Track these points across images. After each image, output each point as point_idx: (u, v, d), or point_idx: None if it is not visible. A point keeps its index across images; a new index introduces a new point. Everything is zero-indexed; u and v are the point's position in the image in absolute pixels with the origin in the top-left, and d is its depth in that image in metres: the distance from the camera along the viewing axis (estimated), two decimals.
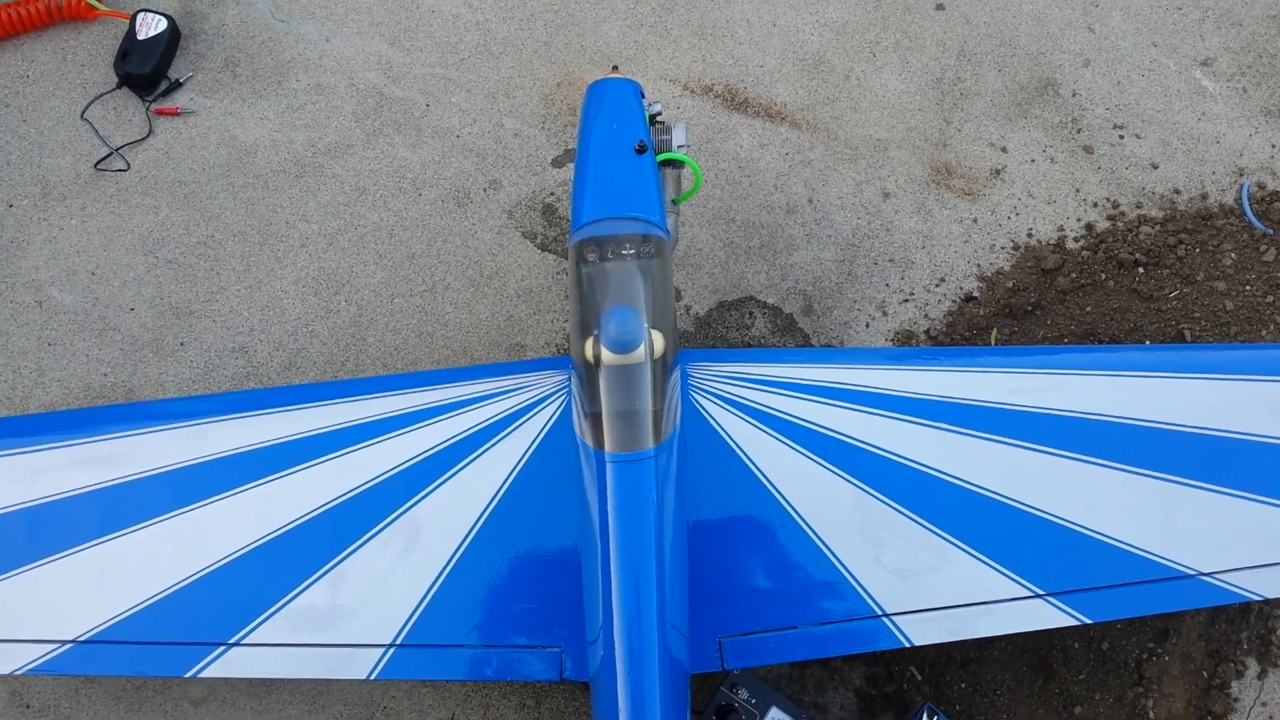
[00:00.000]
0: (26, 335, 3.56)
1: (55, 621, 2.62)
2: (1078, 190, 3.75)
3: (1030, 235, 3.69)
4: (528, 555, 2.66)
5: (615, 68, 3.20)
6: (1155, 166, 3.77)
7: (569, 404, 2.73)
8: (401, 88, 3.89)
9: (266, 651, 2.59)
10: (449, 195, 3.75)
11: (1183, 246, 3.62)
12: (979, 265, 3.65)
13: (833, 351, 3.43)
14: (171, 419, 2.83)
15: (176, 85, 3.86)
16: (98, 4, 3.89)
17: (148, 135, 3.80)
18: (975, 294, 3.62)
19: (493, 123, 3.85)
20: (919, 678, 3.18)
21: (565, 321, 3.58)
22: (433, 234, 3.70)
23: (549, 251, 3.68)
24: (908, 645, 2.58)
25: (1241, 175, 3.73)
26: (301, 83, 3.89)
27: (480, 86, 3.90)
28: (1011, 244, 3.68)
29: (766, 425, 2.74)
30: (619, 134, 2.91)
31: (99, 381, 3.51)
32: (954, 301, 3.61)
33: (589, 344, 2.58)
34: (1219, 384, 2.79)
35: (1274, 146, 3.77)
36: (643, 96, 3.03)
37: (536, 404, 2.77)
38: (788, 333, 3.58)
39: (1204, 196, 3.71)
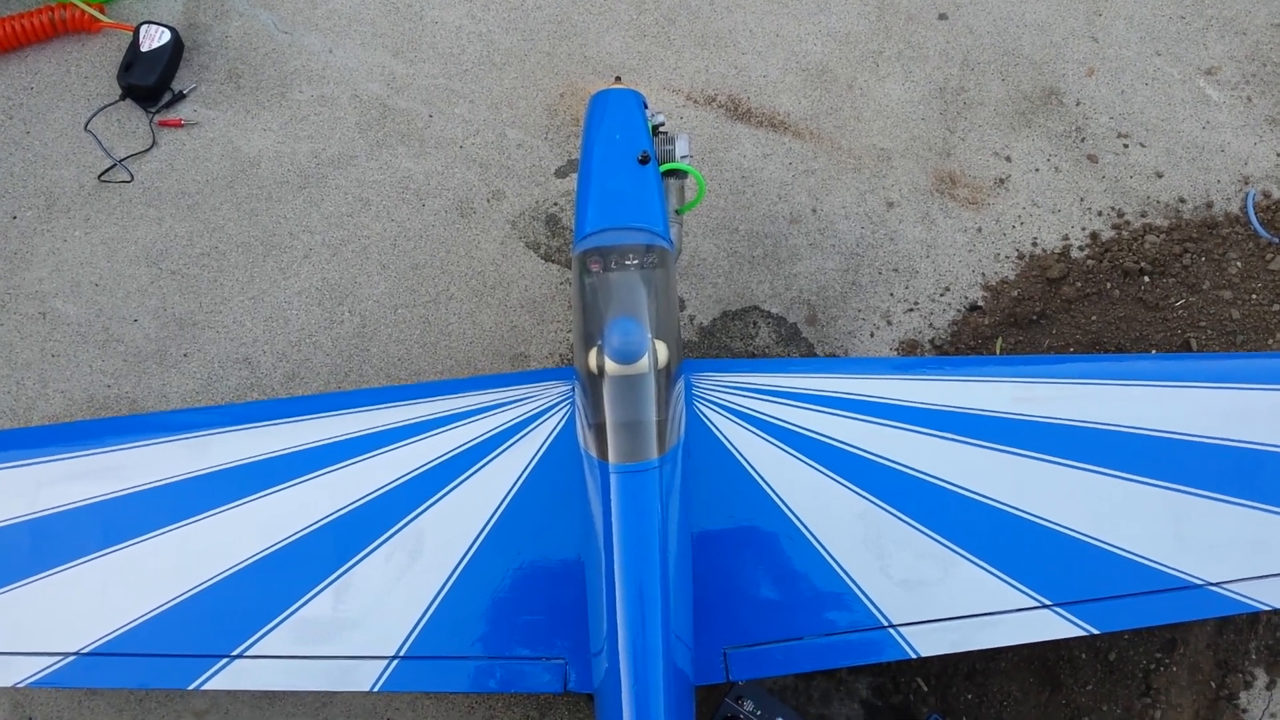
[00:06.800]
0: (30, 347, 3.56)
1: (59, 633, 2.61)
2: (1082, 199, 3.74)
3: (1035, 244, 3.68)
4: (532, 566, 2.65)
5: (618, 78, 3.20)
6: (1160, 175, 3.76)
7: (573, 415, 2.73)
8: (404, 99, 3.90)
9: (270, 663, 2.58)
10: (452, 206, 3.75)
11: (1188, 255, 3.61)
12: (984, 274, 3.65)
13: (837, 361, 3.43)
14: (174, 431, 2.83)
15: (180, 97, 3.87)
16: (101, 16, 3.90)
17: (151, 147, 3.81)
18: (980, 303, 3.61)
19: (496, 133, 3.85)
20: (925, 689, 3.16)
21: (569, 332, 3.58)
22: (436, 245, 3.70)
23: (552, 262, 3.68)
24: (914, 656, 2.56)
25: (1246, 184, 3.73)
26: (305, 94, 3.90)
27: (483, 97, 3.90)
28: (1016, 253, 3.67)
29: (771, 435, 2.73)
30: (622, 144, 2.91)
31: (102, 393, 3.50)
32: (959, 311, 3.61)
33: (593, 354, 2.57)
34: (1225, 393, 2.78)
35: (1279, 155, 3.77)
36: (646, 107, 3.03)
37: (540, 415, 2.77)
38: (792, 342, 3.58)
39: (1209, 205, 3.70)
